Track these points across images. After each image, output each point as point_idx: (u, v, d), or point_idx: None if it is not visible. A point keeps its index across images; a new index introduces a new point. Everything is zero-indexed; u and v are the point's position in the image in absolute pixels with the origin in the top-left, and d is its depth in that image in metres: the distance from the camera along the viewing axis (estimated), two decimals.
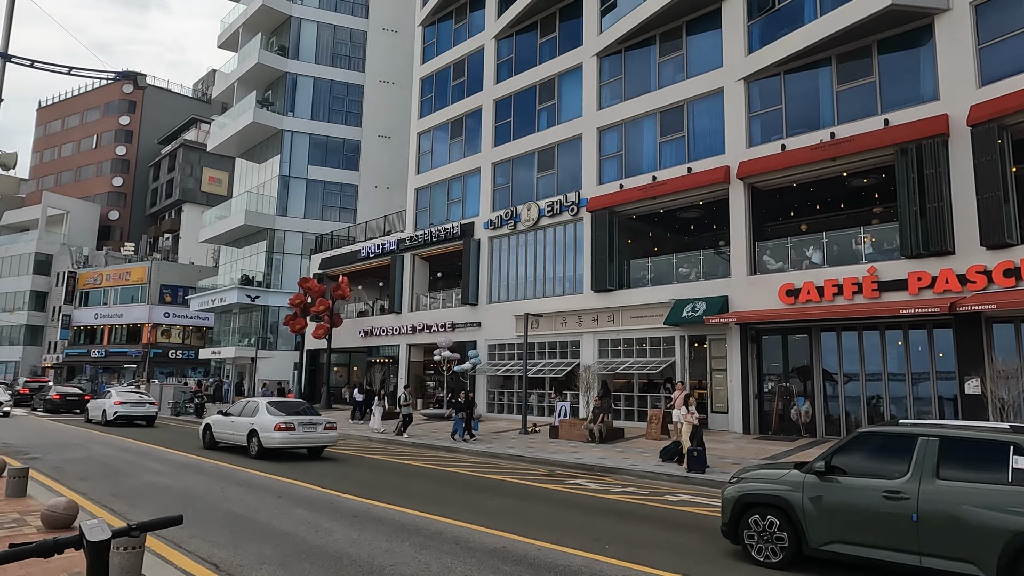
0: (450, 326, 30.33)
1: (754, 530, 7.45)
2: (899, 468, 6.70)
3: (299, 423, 15.94)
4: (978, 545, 6.10)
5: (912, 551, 6.45)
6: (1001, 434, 6.51)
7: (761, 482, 7.63)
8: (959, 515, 6.24)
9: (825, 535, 6.97)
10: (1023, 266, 15.13)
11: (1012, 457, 6.23)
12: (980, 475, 6.32)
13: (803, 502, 7.12)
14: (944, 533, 6.30)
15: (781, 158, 19.68)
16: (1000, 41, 16.24)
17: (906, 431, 6.94)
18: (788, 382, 19.97)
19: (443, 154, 33.00)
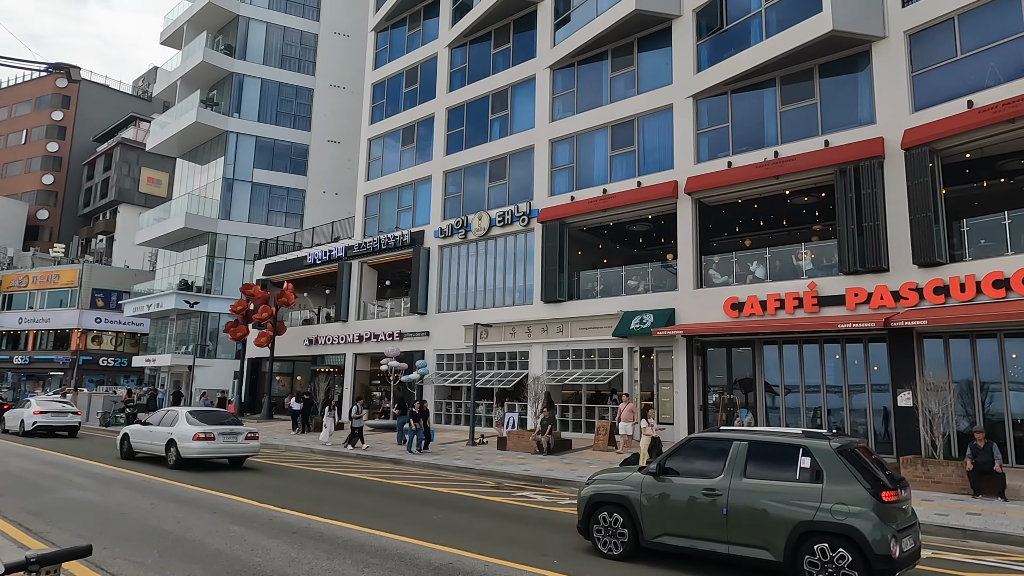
0: (398, 335, 29.87)
1: (601, 526, 8.28)
2: (716, 468, 7.65)
3: (219, 433, 15.77)
4: (771, 533, 7.05)
5: (723, 540, 7.36)
6: (795, 439, 7.49)
7: (609, 483, 8.49)
8: (758, 508, 7.18)
9: (657, 529, 7.85)
10: (952, 284, 15.84)
11: (800, 458, 7.23)
12: (776, 473, 7.30)
13: (640, 500, 8.02)
14: (747, 524, 7.22)
15: (727, 175, 20.15)
16: (932, 69, 17.05)
17: (723, 436, 7.95)
18: (732, 394, 20.36)
19: (394, 161, 32.62)
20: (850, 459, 7.11)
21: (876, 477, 7.04)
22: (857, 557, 6.59)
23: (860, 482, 6.86)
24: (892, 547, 6.56)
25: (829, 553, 6.72)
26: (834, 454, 7.09)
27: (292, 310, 36.83)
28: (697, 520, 7.59)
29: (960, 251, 16.45)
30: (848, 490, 6.84)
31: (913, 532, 7.18)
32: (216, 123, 42.44)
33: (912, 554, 7.03)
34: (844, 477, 6.93)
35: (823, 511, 6.84)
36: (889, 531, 6.63)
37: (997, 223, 16.04)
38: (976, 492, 12.58)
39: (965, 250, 16.39)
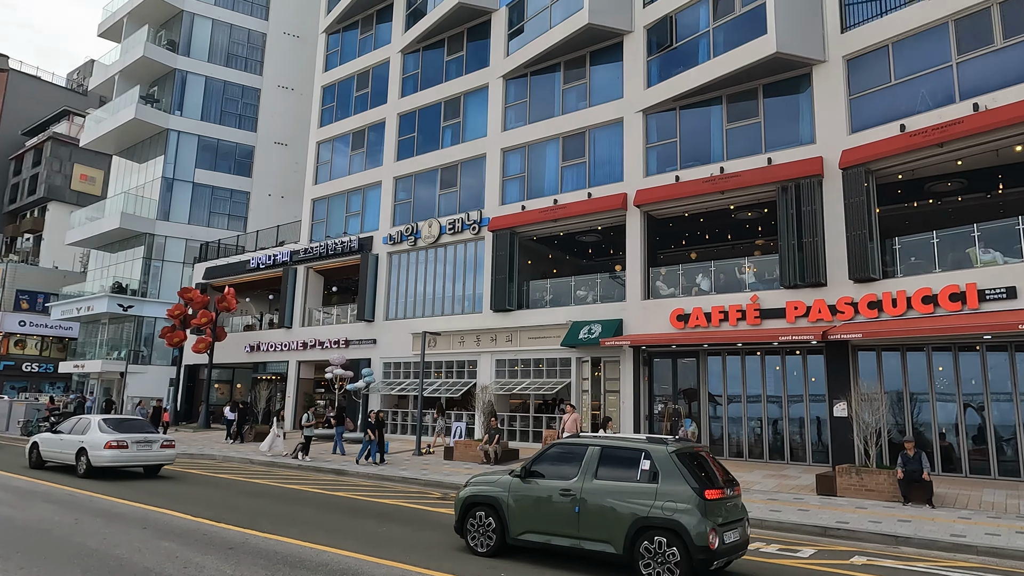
0: (344, 343, 29.28)
1: (475, 526, 8.91)
2: (573, 471, 8.43)
3: (133, 441, 15.55)
4: (614, 528, 7.83)
5: (575, 536, 8.11)
6: (638, 444, 8.31)
7: (482, 485, 9.11)
8: (605, 506, 7.97)
9: (521, 527, 8.55)
10: (884, 299, 16.52)
11: (642, 461, 8.04)
12: (622, 475, 8.09)
13: (508, 501, 8.71)
14: (594, 521, 8.00)
15: (675, 188, 20.56)
16: (868, 94, 17.83)
17: (580, 442, 8.74)
18: (676, 404, 20.70)
19: (343, 165, 32.08)
20: (684, 462, 7.90)
21: (705, 478, 7.85)
22: (680, 548, 7.40)
23: (688, 482, 7.66)
24: (711, 539, 7.36)
25: (658, 545, 7.53)
26: (669, 457, 7.90)
27: (233, 315, 35.70)
28: (554, 518, 8.30)
29: (893, 268, 17.18)
30: (677, 489, 7.64)
31: (740, 526, 8.03)
32: (156, 120, 40.91)
33: (735, 546, 7.84)
34: (676, 478, 7.73)
35: (656, 508, 7.64)
36: (709, 525, 7.41)
37: (926, 242, 16.82)
38: (906, 500, 13.08)
39: (897, 267, 17.14)
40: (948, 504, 12.89)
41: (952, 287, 15.52)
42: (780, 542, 10.37)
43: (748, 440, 19.22)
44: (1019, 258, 15.16)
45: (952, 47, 16.37)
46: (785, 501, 13.35)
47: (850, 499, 13.65)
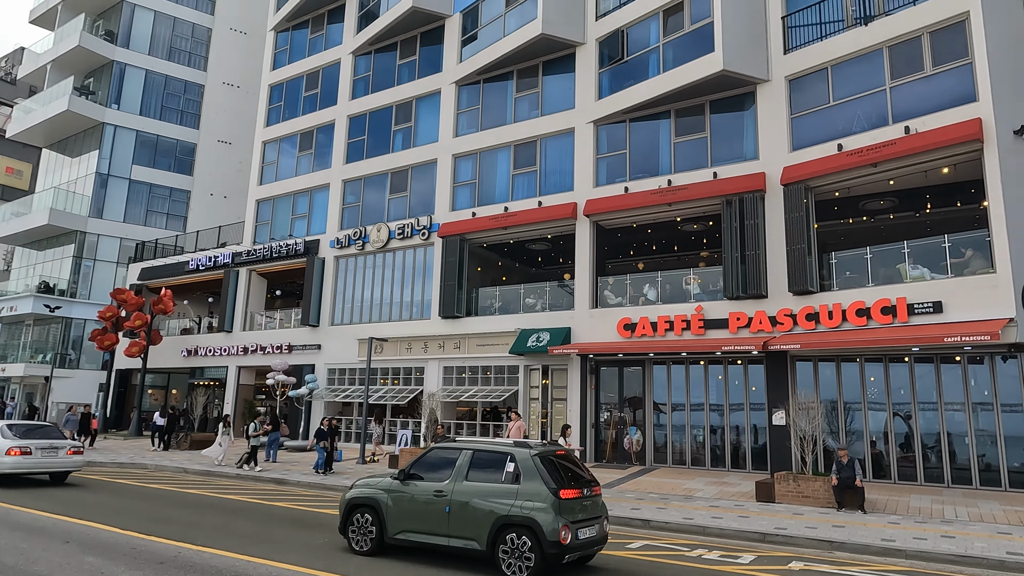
0: (287, 348, 28.53)
1: (356, 526, 9.34)
2: (447, 474, 8.95)
3: (37, 447, 15.10)
4: (479, 527, 8.37)
5: (445, 534, 8.62)
6: (505, 447, 8.88)
7: (364, 488, 9.55)
8: (472, 505, 8.52)
9: (398, 527, 9.03)
10: (821, 311, 17.13)
11: (507, 464, 8.62)
12: (489, 477, 8.66)
13: (387, 502, 9.18)
14: (462, 520, 8.53)
15: (624, 199, 20.86)
16: (809, 113, 18.51)
17: (456, 446, 9.27)
18: (622, 412, 20.94)
19: (290, 166, 31.36)
20: (545, 464, 8.52)
21: (562, 479, 8.47)
22: (535, 543, 8.00)
23: (546, 483, 8.28)
24: (563, 535, 7.99)
25: (516, 541, 8.12)
26: (531, 460, 8.50)
27: (170, 318, 34.36)
28: (427, 518, 8.81)
29: (829, 281, 17.83)
30: (536, 489, 8.26)
31: (597, 523, 8.70)
32: (91, 113, 39.14)
33: (591, 541, 8.52)
34: (535, 479, 8.34)
35: (516, 507, 8.24)
36: (562, 522, 8.03)
37: (860, 257, 17.54)
38: (840, 505, 13.54)
39: (834, 280, 17.79)
40: (879, 510, 13.40)
41: (884, 301, 16.20)
42: (722, 548, 10.56)
43: (691, 448, 19.58)
44: (945, 274, 15.96)
45: (886, 72, 17.17)
46: (726, 508, 13.63)
47: (788, 505, 14.04)
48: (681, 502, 14.34)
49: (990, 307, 14.59)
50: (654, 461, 19.97)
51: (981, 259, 15.50)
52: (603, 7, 22.84)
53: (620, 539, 11.07)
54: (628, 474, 18.19)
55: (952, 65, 16.05)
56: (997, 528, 11.68)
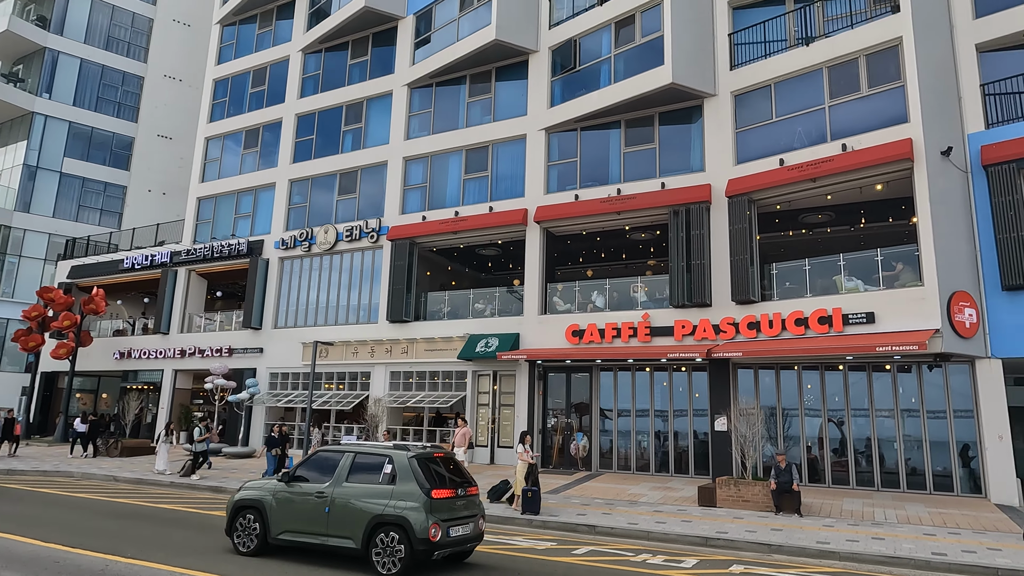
0: (227, 351, 27.63)
1: (240, 527, 9.59)
2: (329, 475, 9.33)
3: None
4: (356, 526, 8.76)
5: (324, 534, 8.97)
6: (385, 450, 9.32)
7: (251, 490, 9.80)
8: (350, 506, 8.91)
9: (280, 527, 9.33)
10: (762, 321, 17.65)
11: (385, 466, 9.05)
12: (368, 478, 9.07)
13: (271, 503, 9.47)
14: (340, 519, 8.90)
15: (574, 207, 21.06)
16: (753, 128, 19.10)
17: (339, 449, 9.66)
18: (569, 418, 21.07)
19: (234, 164, 30.46)
20: (422, 466, 8.99)
21: (436, 479, 8.94)
22: (405, 540, 8.44)
23: (420, 483, 8.74)
24: (433, 532, 8.44)
25: (388, 539, 8.54)
26: (407, 462, 8.94)
27: (102, 319, 32.84)
28: (308, 518, 9.13)
29: (770, 291, 18.40)
30: (410, 490, 8.71)
31: (472, 522, 9.19)
32: (19, 101, 37.15)
33: (464, 539, 9.00)
34: (410, 480, 8.79)
35: (390, 506, 8.67)
36: (432, 520, 8.49)
37: (800, 268, 18.16)
38: (778, 509, 13.94)
39: (774, 291, 18.37)
40: (815, 513, 13.85)
41: (821, 311, 16.81)
42: (666, 553, 10.71)
43: (636, 453, 19.85)
44: (877, 287, 16.68)
45: (826, 91, 17.87)
46: (670, 513, 13.85)
47: (728, 509, 14.37)
48: (626, 507, 14.50)
49: (918, 318, 15.32)
50: (600, 467, 20.15)
51: (910, 272, 16.26)
52: (556, 16, 23.06)
53: (567, 545, 11.11)
54: (574, 480, 18.30)
55: (886, 87, 16.84)
56: (923, 529, 12.23)
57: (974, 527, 12.46)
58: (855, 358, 16.94)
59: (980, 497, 15.27)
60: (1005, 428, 15.12)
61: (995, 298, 15.60)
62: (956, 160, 16.19)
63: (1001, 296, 15.52)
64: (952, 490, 15.78)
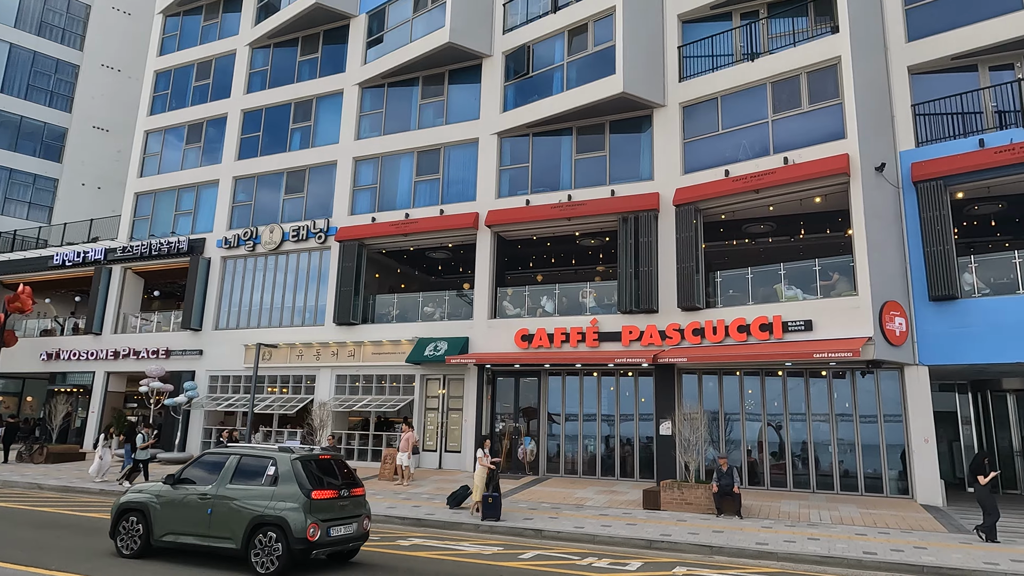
0: (164, 353, 26.62)
1: (123, 530, 9.72)
2: (214, 477, 9.53)
3: None
4: (236, 526, 8.99)
5: (206, 535, 9.18)
6: (269, 452, 9.55)
7: (136, 493, 9.95)
8: (231, 507, 9.12)
9: (163, 529, 9.52)
10: (707, 327, 18.08)
11: (269, 467, 9.32)
12: (251, 480, 9.30)
13: (155, 506, 9.63)
14: (222, 520, 9.12)
15: (525, 212, 21.14)
16: (700, 139, 19.58)
17: (225, 451, 9.86)
18: (517, 422, 21.10)
19: (175, 159, 29.43)
20: (305, 467, 9.24)
21: (318, 481, 9.21)
22: (283, 540, 8.69)
23: (301, 484, 9.00)
24: (311, 532, 8.69)
25: (268, 539, 8.78)
26: (290, 463, 9.19)
27: (28, 318, 31.17)
28: (191, 520, 9.32)
29: (715, 299, 18.86)
30: (290, 491, 8.96)
31: (356, 522, 9.47)
32: None
33: (345, 539, 9.27)
34: (291, 481, 9.04)
35: (270, 507, 8.91)
36: (310, 520, 8.76)
37: (743, 277, 18.69)
38: (719, 512, 14.28)
39: (718, 298, 18.84)
40: (754, 515, 14.24)
41: (762, 318, 17.33)
42: (611, 556, 10.82)
43: (583, 457, 20.02)
44: (815, 296, 17.30)
45: (769, 106, 18.48)
46: (615, 516, 14.01)
47: (672, 512, 14.63)
48: (573, 511, 14.60)
49: (853, 327, 15.95)
50: (547, 471, 20.24)
51: (846, 282, 16.94)
52: (510, 22, 23.16)
53: (513, 550, 11.10)
54: (521, 484, 18.32)
55: (825, 104, 17.52)
56: (855, 530, 12.73)
57: (902, 527, 13.03)
58: (793, 364, 17.52)
59: (907, 498, 15.99)
60: (930, 432, 15.89)
61: (923, 308, 16.40)
62: (889, 176, 16.97)
63: (928, 306, 16.32)
64: (882, 491, 16.48)
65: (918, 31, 17.62)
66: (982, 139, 16.12)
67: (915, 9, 17.79)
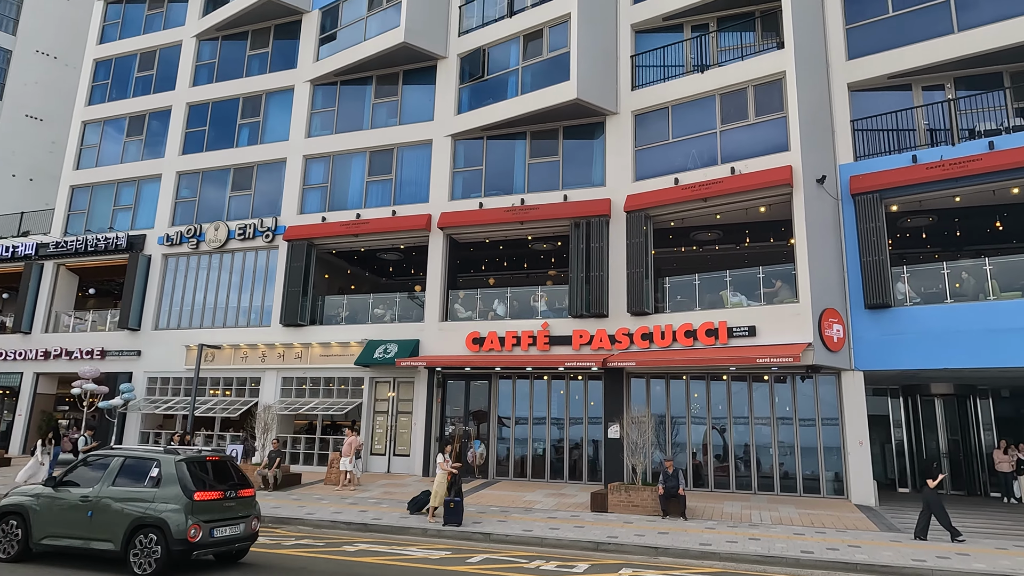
0: (99, 353, 25.52)
1: (2, 532, 9.69)
2: (97, 479, 9.51)
3: None
4: (116, 528, 9.03)
5: (86, 537, 9.19)
6: (153, 454, 9.60)
7: (16, 495, 9.94)
8: (112, 509, 9.15)
9: (43, 532, 9.48)
10: (655, 332, 18.39)
11: (152, 469, 9.31)
12: (134, 482, 9.34)
13: (35, 508, 9.60)
14: (103, 523, 9.13)
15: (478, 215, 21.13)
16: (651, 147, 19.95)
17: (109, 453, 9.89)
18: (467, 425, 21.02)
19: (114, 152, 28.30)
20: (190, 469, 9.30)
21: (202, 482, 9.28)
22: (163, 541, 8.78)
23: (183, 486, 9.05)
24: (191, 533, 8.79)
25: (147, 540, 8.84)
26: (174, 465, 9.23)
27: None
28: (71, 523, 9.30)
29: (663, 304, 19.22)
30: (172, 492, 9.02)
31: (242, 522, 9.55)
32: None
33: (230, 539, 9.34)
34: (173, 483, 9.08)
35: (151, 509, 8.96)
36: (191, 521, 8.84)
37: (690, 283, 19.09)
38: (665, 513, 14.52)
39: (667, 303, 19.20)
40: (698, 516, 14.54)
41: (708, 324, 17.74)
42: (559, 559, 10.88)
43: (532, 460, 20.08)
44: (759, 302, 17.82)
45: (718, 117, 18.96)
46: (563, 519, 14.10)
47: (619, 514, 14.81)
48: (521, 514, 14.62)
49: (794, 332, 16.49)
50: (496, 474, 20.22)
51: (788, 290, 17.50)
52: (466, 24, 23.14)
53: (461, 554, 11.04)
54: (471, 488, 18.24)
55: (771, 117, 18.08)
56: (794, 529, 13.13)
57: (837, 526, 13.52)
58: (738, 369, 17.98)
59: (843, 498, 16.60)
60: (865, 435, 16.54)
61: (859, 315, 17.07)
62: (829, 188, 17.62)
63: (864, 314, 17.00)
64: (819, 492, 17.06)
65: (858, 50, 18.37)
66: (915, 155, 16.91)
67: (855, 29, 18.55)
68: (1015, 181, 16.09)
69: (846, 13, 18.67)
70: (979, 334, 15.54)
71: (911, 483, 20.06)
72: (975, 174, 16.00)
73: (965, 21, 17.06)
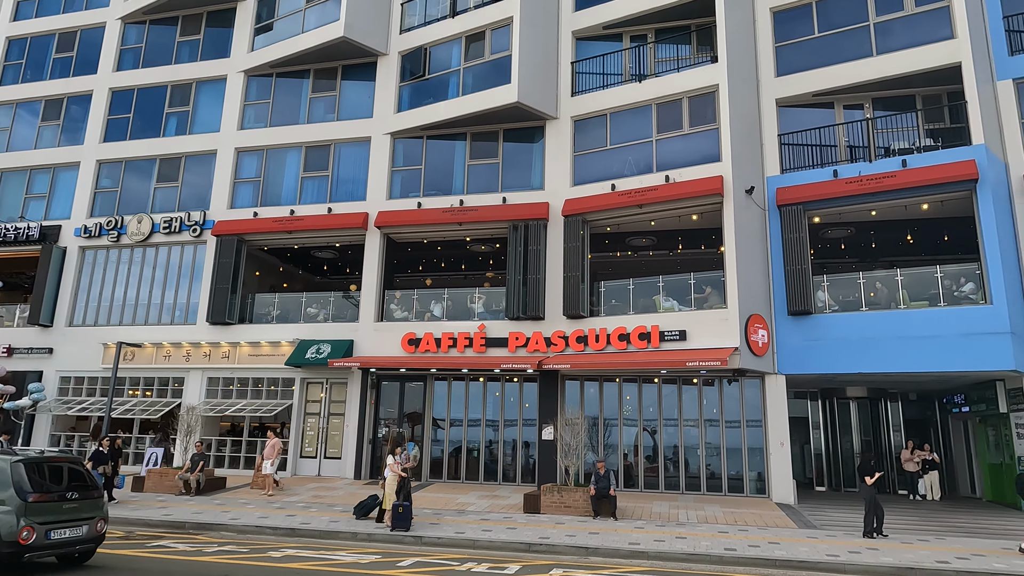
0: (6, 351, 23.93)
1: None
2: None
3: None
4: None
5: None
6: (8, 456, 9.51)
7: None
8: None
9: None
10: (590, 335, 18.67)
11: None
12: None
13: None
14: None
15: (417, 215, 20.94)
16: (589, 153, 20.25)
17: None
18: (401, 427, 20.77)
19: (27, 136, 26.63)
20: (27, 471, 9.31)
21: (40, 484, 9.32)
22: None
23: (18, 488, 9.05)
24: (24, 535, 8.79)
25: None
26: (9, 466, 9.24)
27: None
28: None
29: (598, 308, 19.53)
30: (5, 494, 8.99)
31: (85, 524, 9.56)
32: None
33: (70, 541, 9.37)
34: (7, 485, 9.06)
35: None
36: (24, 523, 8.86)
37: (624, 287, 19.48)
38: (596, 514, 14.75)
39: (601, 307, 19.52)
40: (628, 516, 14.84)
41: (641, 328, 18.13)
42: (491, 561, 10.88)
43: (467, 462, 20.02)
44: (690, 307, 18.35)
45: (654, 126, 19.43)
46: (496, 520, 14.12)
47: (552, 515, 14.95)
48: (454, 516, 14.56)
49: (722, 337, 17.05)
50: (430, 476, 20.07)
51: (717, 296, 18.09)
52: (408, 22, 22.92)
53: (392, 558, 10.90)
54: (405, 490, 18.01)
55: (704, 128, 18.67)
56: (719, 528, 13.57)
57: (759, 524, 14.06)
58: (668, 372, 18.46)
59: (765, 497, 17.27)
60: (786, 436, 17.27)
61: (782, 322, 17.82)
62: (757, 199, 18.33)
63: (787, 320, 17.76)
64: (743, 491, 17.70)
65: (786, 67, 19.20)
66: (836, 170, 17.79)
67: (784, 47, 19.38)
68: (924, 198, 17.17)
69: (776, 32, 19.48)
70: (891, 340, 16.48)
71: (827, 482, 21.08)
72: (889, 190, 16.97)
73: (883, 45, 18.10)
